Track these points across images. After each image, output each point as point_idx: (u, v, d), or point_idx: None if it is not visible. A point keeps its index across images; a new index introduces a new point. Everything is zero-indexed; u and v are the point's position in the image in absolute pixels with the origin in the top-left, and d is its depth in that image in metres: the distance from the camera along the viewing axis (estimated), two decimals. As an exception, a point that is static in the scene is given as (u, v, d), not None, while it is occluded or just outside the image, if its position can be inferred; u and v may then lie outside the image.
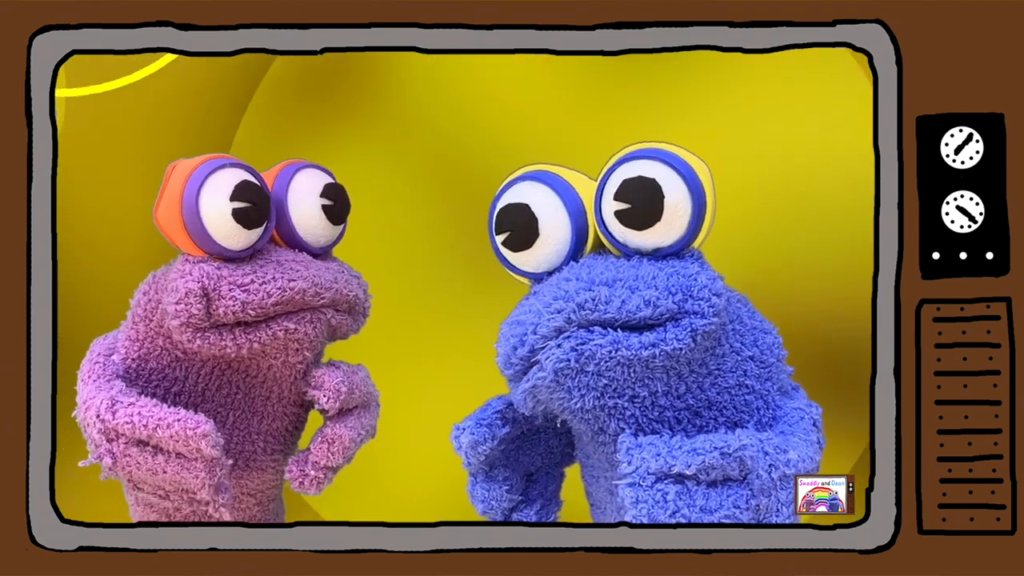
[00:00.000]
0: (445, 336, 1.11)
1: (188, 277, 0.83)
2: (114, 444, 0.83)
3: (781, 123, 1.08)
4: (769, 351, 0.82)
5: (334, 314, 0.89)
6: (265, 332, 0.85)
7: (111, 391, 0.85)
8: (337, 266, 0.90)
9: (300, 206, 0.88)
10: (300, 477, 0.89)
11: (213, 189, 0.83)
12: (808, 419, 0.81)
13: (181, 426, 0.82)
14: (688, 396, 0.79)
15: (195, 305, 0.83)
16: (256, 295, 0.84)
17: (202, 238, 0.84)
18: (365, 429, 0.92)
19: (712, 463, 0.75)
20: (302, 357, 0.89)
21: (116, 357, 0.88)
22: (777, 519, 0.77)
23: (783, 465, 0.77)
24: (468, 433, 0.83)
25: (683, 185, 0.77)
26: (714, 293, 0.76)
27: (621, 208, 0.77)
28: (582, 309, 0.75)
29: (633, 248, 0.78)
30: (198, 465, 0.83)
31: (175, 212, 0.84)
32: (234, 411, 0.89)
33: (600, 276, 0.76)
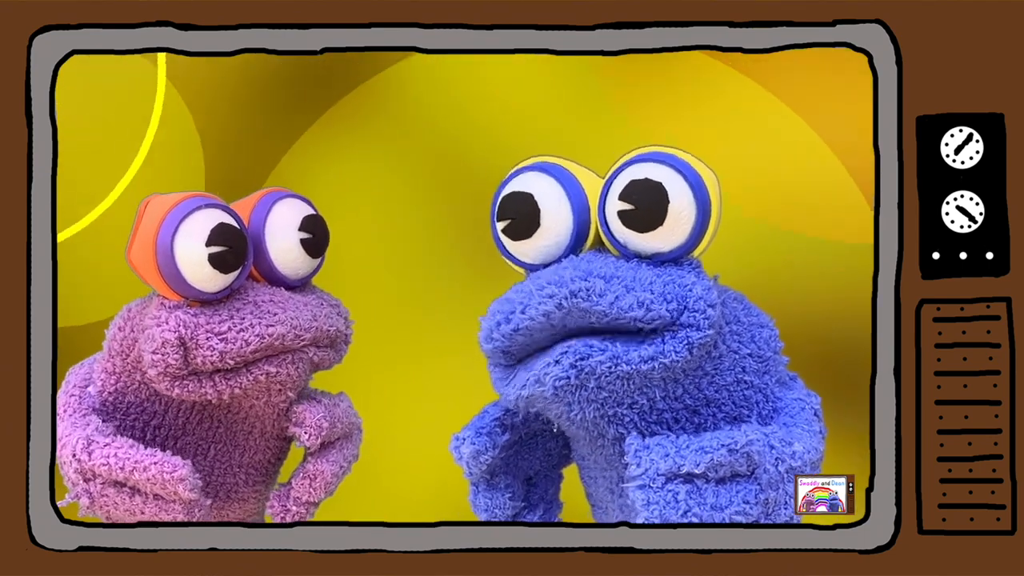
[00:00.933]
0: (444, 336, 1.11)
1: (164, 326, 0.81)
2: (91, 484, 0.83)
3: (781, 123, 1.08)
4: (766, 345, 0.82)
5: (316, 351, 0.87)
6: (246, 377, 0.84)
7: (87, 429, 0.84)
8: (316, 300, 0.89)
9: (278, 240, 0.87)
10: (282, 513, 0.88)
11: (188, 233, 0.82)
12: (809, 409, 0.81)
13: (158, 469, 0.82)
14: (686, 397, 0.79)
15: (172, 355, 0.81)
16: (234, 344, 0.82)
17: (177, 282, 0.82)
18: (347, 460, 0.91)
19: (720, 460, 0.75)
20: (285, 397, 0.87)
21: (92, 389, 0.87)
22: (786, 511, 0.77)
23: (789, 458, 0.77)
24: (468, 443, 0.82)
25: (689, 192, 0.77)
26: (709, 304, 0.76)
27: (625, 208, 0.77)
28: (574, 297, 0.74)
29: (632, 250, 0.78)
30: (176, 507, 0.83)
31: (149, 255, 0.82)
32: (215, 444, 0.88)
33: (598, 270, 0.76)
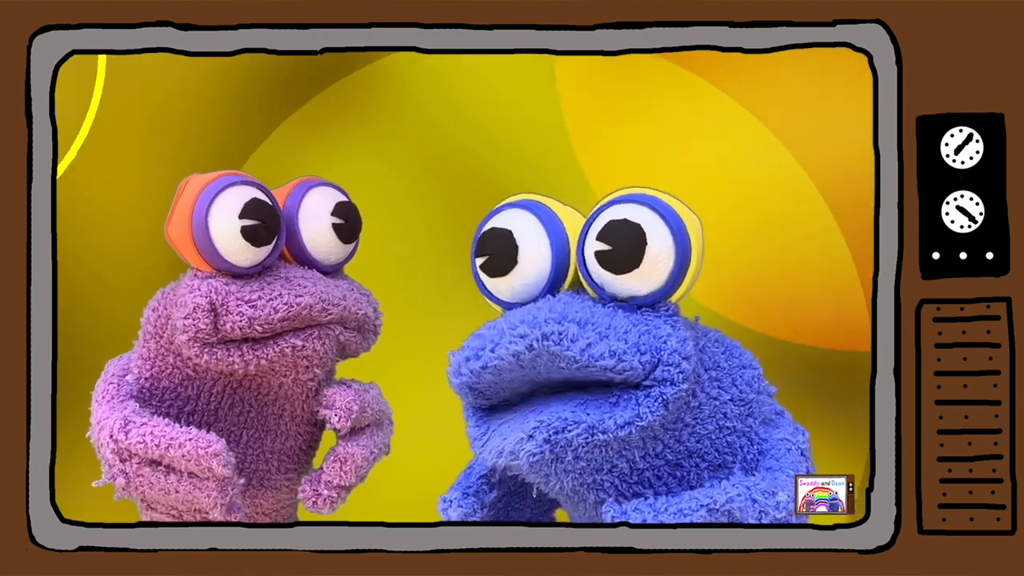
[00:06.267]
0: (443, 337, 1.11)
1: (196, 292, 0.84)
2: (127, 464, 0.84)
3: (781, 123, 1.08)
4: (748, 387, 0.80)
5: (343, 331, 0.89)
6: (272, 349, 0.86)
7: (124, 411, 0.85)
8: (347, 284, 0.91)
9: (311, 224, 0.89)
10: (313, 496, 0.90)
11: (223, 206, 0.84)
12: (796, 450, 0.80)
13: (193, 445, 0.83)
14: (667, 452, 0.77)
15: (202, 320, 0.83)
16: (263, 311, 0.84)
17: (211, 254, 0.84)
18: (378, 447, 0.92)
19: (700, 521, 0.74)
20: (312, 375, 0.89)
21: (130, 377, 0.89)
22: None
23: (773, 509, 0.76)
24: (456, 506, 0.82)
25: (669, 235, 0.75)
26: (684, 358, 0.74)
27: (602, 249, 0.76)
28: (546, 340, 0.72)
29: (608, 293, 0.76)
30: (210, 485, 0.84)
31: (185, 228, 0.84)
32: (247, 430, 0.90)
33: (573, 314, 0.74)
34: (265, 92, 1.11)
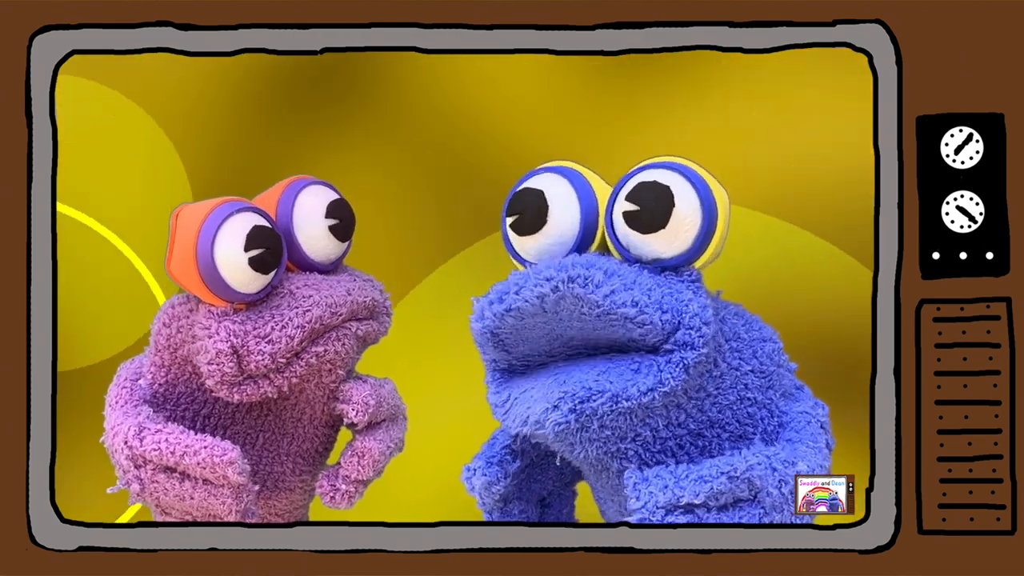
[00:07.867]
0: (444, 336, 1.11)
1: (216, 337, 0.84)
2: (142, 471, 0.84)
3: (781, 123, 1.08)
4: (769, 359, 0.81)
5: (358, 324, 0.89)
6: (298, 366, 0.86)
7: (138, 417, 0.85)
8: (348, 277, 0.91)
9: (307, 231, 0.89)
10: (331, 492, 0.90)
11: (227, 240, 0.84)
12: (815, 422, 0.81)
13: (208, 453, 0.83)
14: (689, 422, 0.78)
15: (227, 364, 0.84)
16: (280, 344, 0.84)
17: (221, 289, 0.84)
18: (394, 442, 0.92)
19: (721, 488, 0.75)
20: (335, 376, 0.89)
21: (143, 382, 0.89)
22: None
23: (793, 479, 0.77)
24: (480, 474, 0.83)
25: (696, 199, 0.77)
26: (704, 323, 0.75)
27: (629, 209, 0.77)
28: (571, 282, 0.74)
29: (634, 254, 0.78)
30: (225, 492, 0.84)
31: (190, 265, 0.84)
32: (264, 432, 0.90)
33: (601, 264, 0.75)
34: (265, 92, 1.11)
